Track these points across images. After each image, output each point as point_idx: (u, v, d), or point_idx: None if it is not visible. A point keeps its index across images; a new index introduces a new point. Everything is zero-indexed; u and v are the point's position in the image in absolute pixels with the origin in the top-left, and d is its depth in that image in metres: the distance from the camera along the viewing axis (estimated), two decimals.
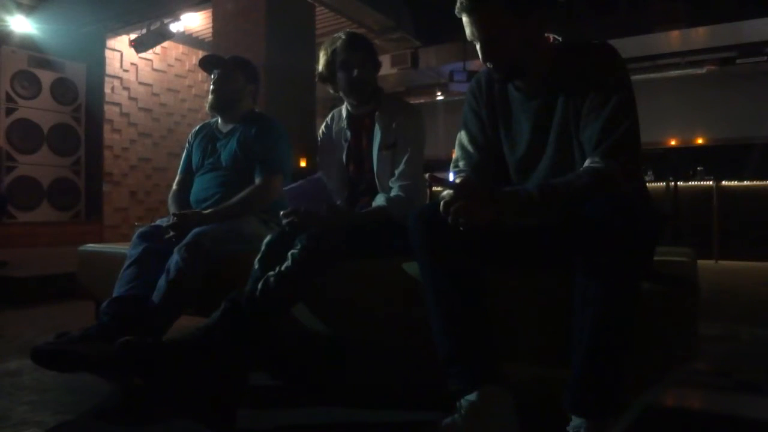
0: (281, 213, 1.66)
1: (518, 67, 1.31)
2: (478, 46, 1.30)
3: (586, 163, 1.21)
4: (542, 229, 1.24)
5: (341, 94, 1.93)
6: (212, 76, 2.21)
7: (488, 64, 1.32)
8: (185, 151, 2.33)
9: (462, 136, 1.50)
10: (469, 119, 1.49)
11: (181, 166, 2.31)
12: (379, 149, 1.86)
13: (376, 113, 1.89)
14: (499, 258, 1.37)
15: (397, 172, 1.82)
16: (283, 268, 1.54)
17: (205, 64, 2.26)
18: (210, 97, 2.20)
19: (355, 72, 1.83)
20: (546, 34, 1.34)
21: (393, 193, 1.78)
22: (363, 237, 1.67)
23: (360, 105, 1.92)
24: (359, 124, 1.95)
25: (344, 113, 1.99)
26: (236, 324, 1.47)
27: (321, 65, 1.90)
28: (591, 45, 1.30)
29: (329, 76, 1.89)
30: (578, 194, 1.16)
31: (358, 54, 1.85)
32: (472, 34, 1.29)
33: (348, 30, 1.99)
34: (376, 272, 1.64)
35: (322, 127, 2.06)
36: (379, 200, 1.79)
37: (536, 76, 1.34)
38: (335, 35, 1.91)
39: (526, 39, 1.28)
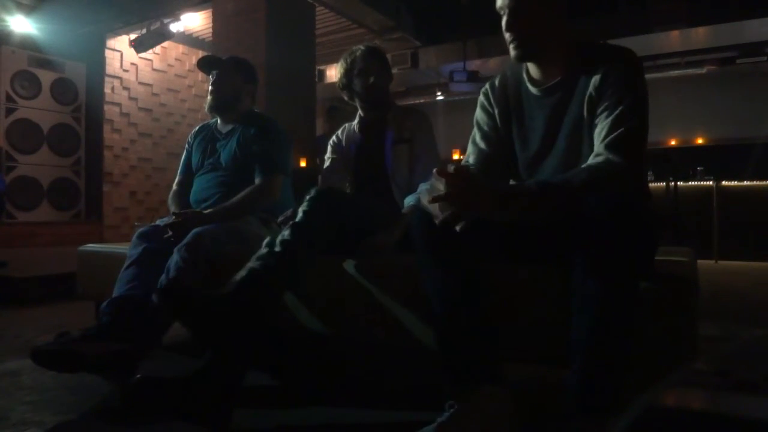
0: (279, 220, 1.69)
1: (535, 48, 1.34)
2: (504, 18, 1.33)
3: (590, 160, 1.22)
4: (542, 227, 1.24)
5: (356, 101, 2.06)
6: (210, 77, 2.21)
7: (508, 36, 1.34)
8: (185, 151, 2.33)
9: (475, 134, 1.53)
10: (481, 119, 1.52)
11: (180, 167, 2.31)
12: (393, 144, 1.96)
13: (388, 116, 2.02)
14: (499, 257, 1.37)
15: (420, 168, 1.90)
16: (297, 219, 1.53)
17: (203, 65, 2.26)
18: (209, 98, 2.20)
19: (372, 79, 1.98)
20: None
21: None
22: (370, 210, 1.71)
23: (373, 110, 2.04)
24: (370, 126, 2.06)
25: (356, 123, 2.11)
26: (270, 274, 1.45)
27: (340, 74, 2.05)
28: (611, 47, 1.33)
29: (347, 83, 2.03)
30: (576, 191, 1.16)
31: (374, 63, 2.00)
32: (502, 2, 1.33)
33: (367, 44, 2.13)
34: (376, 271, 1.64)
35: (333, 137, 2.15)
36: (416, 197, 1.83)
37: (552, 65, 1.36)
38: (354, 48, 2.05)
39: (550, 22, 1.32)
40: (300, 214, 1.55)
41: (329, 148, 2.14)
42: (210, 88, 2.20)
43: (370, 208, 1.74)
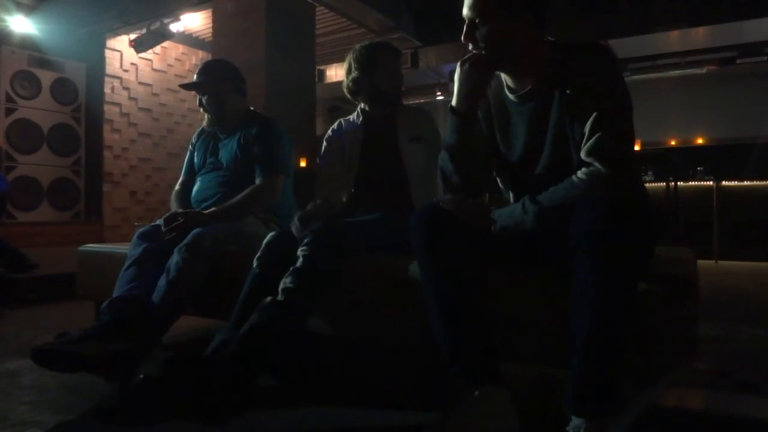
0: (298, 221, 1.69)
1: (500, 58, 1.32)
2: (464, 28, 1.33)
3: (579, 174, 1.21)
4: (541, 230, 1.24)
5: (365, 97, 1.99)
6: (197, 97, 2.24)
7: (469, 47, 1.34)
8: (188, 152, 2.34)
9: None
10: None
11: (184, 167, 2.33)
12: (409, 141, 1.94)
13: (397, 114, 1.99)
14: (499, 258, 1.37)
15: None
16: (298, 265, 1.56)
17: (188, 89, 2.28)
18: (206, 116, 2.26)
19: (400, 78, 2.00)
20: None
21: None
22: (368, 230, 1.71)
23: (383, 107, 2.00)
24: (375, 123, 2.00)
25: (356, 117, 2.04)
26: (268, 334, 1.47)
27: (345, 70, 1.99)
28: (583, 45, 1.31)
29: (364, 78, 1.95)
30: (568, 206, 1.17)
31: (398, 61, 2.03)
32: (464, 12, 1.32)
33: (380, 40, 2.13)
34: (376, 272, 1.64)
35: (329, 131, 2.09)
36: None
37: (524, 72, 1.35)
38: (370, 43, 2.02)
39: (513, 34, 1.29)
40: (301, 260, 1.56)
41: (324, 142, 2.07)
42: (200, 108, 2.25)
43: (363, 229, 1.74)
